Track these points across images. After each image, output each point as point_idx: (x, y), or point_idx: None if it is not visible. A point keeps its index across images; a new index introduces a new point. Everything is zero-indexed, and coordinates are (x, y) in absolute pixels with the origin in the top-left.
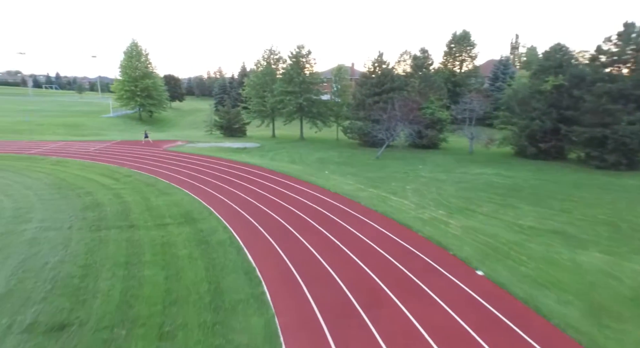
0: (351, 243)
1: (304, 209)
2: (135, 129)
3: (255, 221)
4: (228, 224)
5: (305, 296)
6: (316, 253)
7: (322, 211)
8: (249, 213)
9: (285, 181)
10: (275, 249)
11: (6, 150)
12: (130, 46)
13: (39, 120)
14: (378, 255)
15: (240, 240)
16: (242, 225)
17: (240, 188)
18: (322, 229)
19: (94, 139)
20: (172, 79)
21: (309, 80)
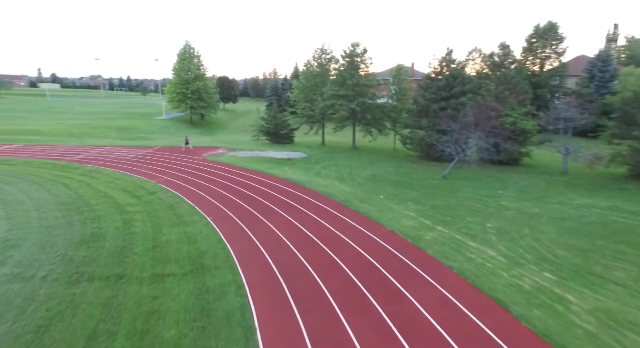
0: (413, 331)
1: (349, 259)
2: (183, 133)
3: (282, 279)
4: (245, 280)
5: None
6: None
7: (374, 263)
8: (277, 262)
9: (330, 210)
10: (300, 329)
11: (49, 156)
12: (184, 48)
13: (96, 123)
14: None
15: (254, 311)
16: (264, 283)
17: (273, 218)
18: (371, 297)
19: (139, 143)
20: (226, 80)
21: (363, 82)
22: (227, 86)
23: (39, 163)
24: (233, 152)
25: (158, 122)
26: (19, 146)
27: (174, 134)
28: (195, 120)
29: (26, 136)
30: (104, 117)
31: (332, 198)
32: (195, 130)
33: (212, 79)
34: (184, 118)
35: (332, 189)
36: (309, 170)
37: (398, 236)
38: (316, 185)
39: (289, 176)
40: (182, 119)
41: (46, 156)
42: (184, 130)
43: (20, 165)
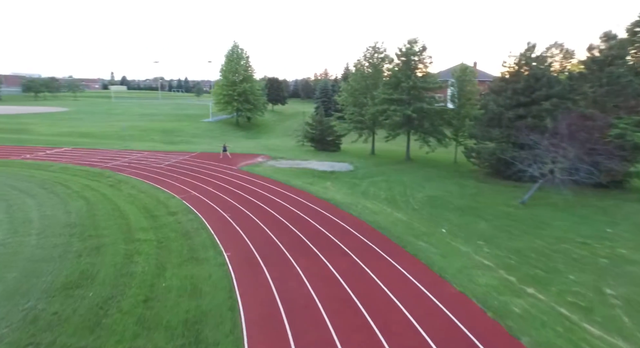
0: None
1: (400, 341)
2: (227, 136)
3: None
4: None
5: None
6: None
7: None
8: (297, 335)
9: (379, 251)
10: None
11: (88, 161)
12: (232, 49)
13: (145, 124)
14: None
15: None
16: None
17: (305, 262)
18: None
19: (179, 148)
20: (276, 81)
21: (421, 84)
22: (276, 87)
23: (75, 170)
24: (272, 161)
25: (204, 124)
26: (66, 150)
27: (218, 137)
28: (241, 123)
29: (78, 138)
30: (154, 119)
31: (383, 231)
32: (240, 133)
33: (260, 81)
34: (230, 121)
35: (382, 218)
36: (355, 187)
37: (472, 304)
38: (362, 211)
39: (331, 195)
40: (228, 122)
41: (85, 162)
42: (229, 133)
43: (57, 172)
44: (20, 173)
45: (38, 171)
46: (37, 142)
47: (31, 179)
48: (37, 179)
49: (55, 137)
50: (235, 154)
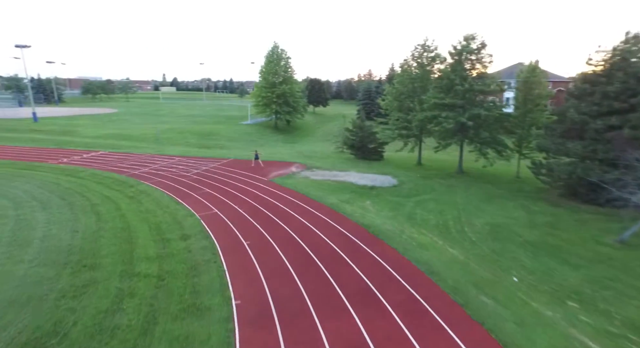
0: None
1: None
2: (264, 140)
3: None
4: None
5: None
6: None
7: None
8: None
9: (431, 311)
10: None
11: (118, 167)
12: (272, 50)
13: (183, 126)
14: None
15: None
16: None
17: (335, 324)
18: None
19: (212, 154)
20: (317, 83)
21: (479, 87)
22: (318, 89)
23: (102, 177)
24: (307, 171)
25: (242, 127)
26: (102, 153)
27: (255, 142)
28: (280, 126)
29: (117, 140)
30: (194, 121)
31: (434, 277)
32: (277, 137)
33: (300, 82)
34: (268, 123)
35: (433, 255)
36: (399, 208)
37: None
38: (408, 243)
39: (370, 219)
40: (267, 125)
41: (115, 167)
42: (267, 137)
43: (84, 178)
44: (49, 179)
45: (66, 178)
46: (79, 145)
47: (54, 188)
48: (60, 187)
49: (96, 139)
50: (268, 163)
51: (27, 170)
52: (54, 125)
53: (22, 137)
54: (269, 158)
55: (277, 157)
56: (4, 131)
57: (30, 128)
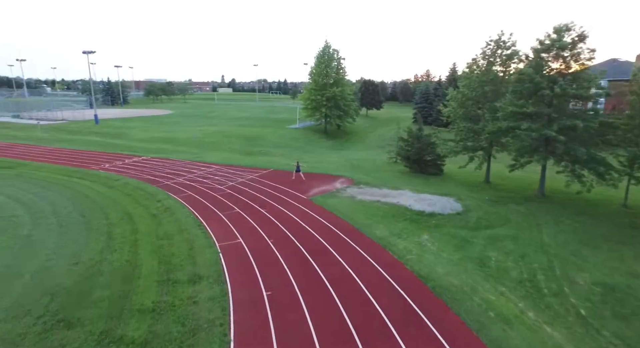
0: None
1: None
2: (311, 146)
3: None
4: None
5: None
6: None
7: None
8: None
9: None
10: None
11: (152, 176)
12: (323, 50)
13: (230, 129)
14: None
15: None
16: None
17: None
18: None
19: (254, 162)
20: (371, 84)
21: (574, 92)
22: (372, 91)
23: (133, 188)
24: (354, 188)
25: (289, 132)
26: (143, 159)
27: (301, 148)
28: (329, 130)
29: (162, 144)
30: (242, 124)
31: None
32: (326, 143)
33: (353, 84)
34: (317, 128)
35: (523, 338)
36: (466, 248)
37: None
38: (482, 312)
39: (429, 266)
40: (316, 129)
41: (149, 176)
42: (314, 142)
43: (116, 188)
44: (82, 189)
45: (99, 188)
46: (125, 148)
47: (81, 201)
48: (87, 200)
49: (143, 142)
50: (311, 176)
51: (67, 177)
52: (110, 127)
53: (80, 139)
54: (314, 169)
55: (322, 167)
56: (67, 133)
57: (90, 130)
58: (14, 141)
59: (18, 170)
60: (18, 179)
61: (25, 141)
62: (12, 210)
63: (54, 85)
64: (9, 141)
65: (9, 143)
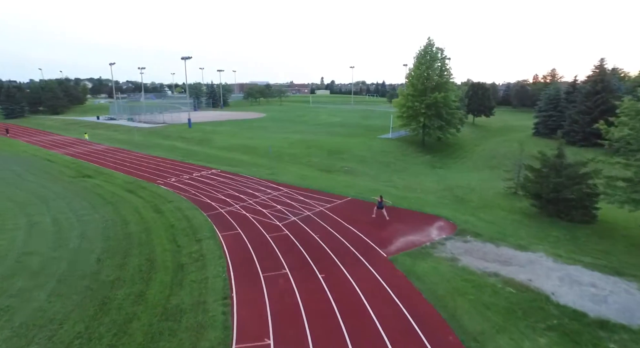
0: None
1: None
2: (405, 163)
3: None
4: None
5: None
6: None
7: None
8: None
9: None
10: None
11: (210, 196)
12: (424, 49)
13: (314, 138)
14: None
15: None
16: None
17: None
18: None
19: (331, 184)
20: (481, 88)
21: None
22: (481, 95)
23: (180, 217)
24: (457, 242)
25: (379, 143)
26: (213, 172)
27: (392, 165)
28: (427, 142)
29: (239, 154)
30: (329, 132)
31: None
32: (422, 158)
33: (459, 89)
34: (413, 139)
35: None
36: None
37: None
38: None
39: None
40: (411, 140)
41: (207, 200)
42: (409, 157)
43: (164, 213)
44: (129, 211)
45: (146, 211)
46: (202, 158)
47: (116, 233)
48: (121, 233)
49: (222, 151)
50: (399, 213)
51: (129, 193)
52: (199, 132)
53: (167, 145)
54: (402, 200)
55: (414, 199)
56: (160, 137)
57: (179, 135)
58: (113, 145)
59: (96, 180)
60: (84, 192)
61: (122, 144)
62: (35, 243)
63: (174, 89)
64: (111, 144)
65: (108, 147)
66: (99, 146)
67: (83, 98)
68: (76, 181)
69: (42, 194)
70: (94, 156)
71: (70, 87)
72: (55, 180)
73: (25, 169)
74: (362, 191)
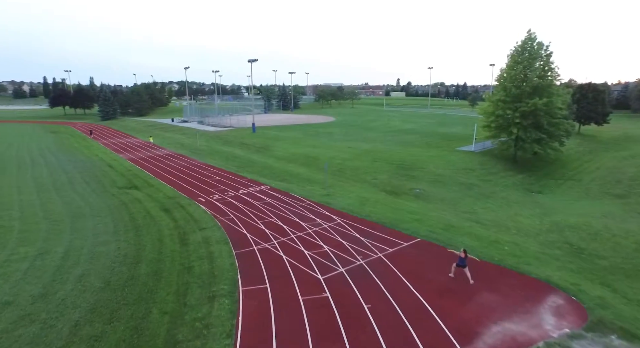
0: None
1: None
2: (489, 185)
3: None
4: None
5: None
6: None
7: None
8: None
9: None
10: None
11: (242, 228)
12: (522, 44)
13: (382, 149)
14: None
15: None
16: None
17: None
18: None
19: (399, 213)
20: (592, 90)
21: None
22: (591, 99)
23: (205, 253)
24: (597, 345)
25: (460, 157)
26: (263, 189)
27: (475, 188)
28: (520, 158)
29: (296, 166)
30: (400, 140)
31: None
32: (513, 178)
33: (567, 92)
34: (502, 153)
35: None
36: None
37: None
38: None
39: None
40: (500, 154)
41: (246, 227)
42: (497, 177)
43: (189, 245)
44: (151, 240)
45: (171, 242)
46: (256, 170)
47: (123, 279)
48: (119, 280)
49: (280, 162)
50: (487, 270)
51: (164, 212)
52: (262, 137)
53: (227, 152)
54: (490, 249)
55: (507, 248)
56: (221, 142)
57: (241, 141)
58: (176, 150)
59: (140, 193)
60: (119, 209)
61: (184, 150)
62: (23, 287)
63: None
64: (173, 149)
65: (169, 152)
66: (162, 150)
67: (166, 101)
68: (120, 194)
69: (77, 211)
70: (152, 162)
71: (155, 91)
72: (101, 192)
73: (81, 175)
74: (436, 229)
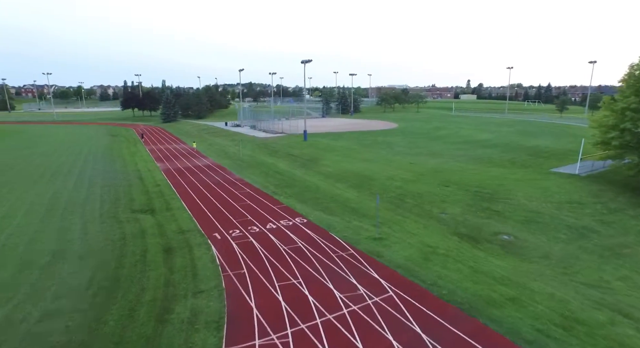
0: None
1: None
2: (612, 229)
3: None
4: None
5: None
6: None
7: None
8: None
9: None
10: None
11: (262, 293)
12: None
13: (453, 168)
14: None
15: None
16: None
17: None
18: None
19: (483, 277)
20: None
21: None
22: None
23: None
24: None
25: (558, 183)
26: (296, 223)
27: (592, 236)
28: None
29: (344, 189)
30: (475, 156)
31: None
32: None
33: None
34: (621, 178)
35: None
36: None
37: None
38: None
39: None
40: (617, 181)
41: (263, 294)
42: (618, 217)
43: (167, 332)
44: (115, 309)
45: (142, 316)
46: (294, 192)
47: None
48: None
49: (326, 182)
50: None
51: (166, 254)
52: (312, 147)
53: (269, 165)
54: None
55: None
56: (267, 152)
57: (288, 151)
58: (218, 159)
59: (151, 220)
60: (118, 246)
61: (225, 160)
62: None
63: (311, 92)
64: (215, 158)
65: (209, 163)
66: (202, 159)
67: (226, 103)
68: (129, 221)
69: (64, 247)
70: (185, 176)
71: (215, 93)
72: (110, 217)
73: (101, 191)
74: (549, 327)
